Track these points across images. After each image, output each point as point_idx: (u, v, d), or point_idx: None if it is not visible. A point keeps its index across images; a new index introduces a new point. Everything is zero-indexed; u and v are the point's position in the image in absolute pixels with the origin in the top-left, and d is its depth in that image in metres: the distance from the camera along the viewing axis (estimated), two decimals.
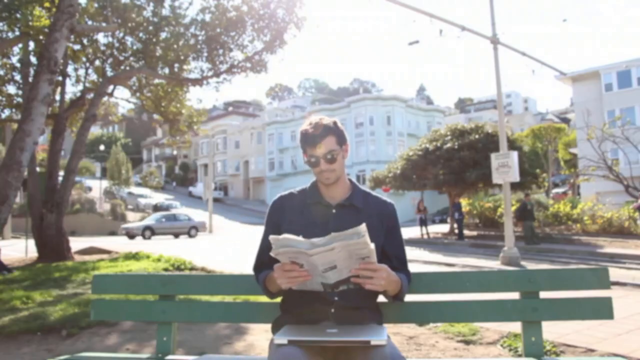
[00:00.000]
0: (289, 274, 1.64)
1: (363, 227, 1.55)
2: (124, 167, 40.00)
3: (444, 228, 24.36)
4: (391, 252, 1.95)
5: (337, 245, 1.55)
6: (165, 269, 8.21)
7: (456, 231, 19.79)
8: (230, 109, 75.46)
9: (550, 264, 11.83)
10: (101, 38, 13.14)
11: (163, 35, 12.47)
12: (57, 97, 12.01)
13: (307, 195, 1.96)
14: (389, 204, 2.00)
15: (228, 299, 4.38)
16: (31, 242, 11.43)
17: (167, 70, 12.65)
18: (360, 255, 1.61)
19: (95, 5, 11.93)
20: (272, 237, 1.60)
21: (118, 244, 15.84)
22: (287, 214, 1.94)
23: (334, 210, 1.91)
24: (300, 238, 1.59)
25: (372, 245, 1.59)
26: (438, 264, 12.02)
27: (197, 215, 35.36)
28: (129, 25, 12.21)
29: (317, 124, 1.87)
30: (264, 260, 1.96)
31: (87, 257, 11.18)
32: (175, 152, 63.05)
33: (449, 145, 20.23)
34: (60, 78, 11.72)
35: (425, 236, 20.66)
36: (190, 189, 56.08)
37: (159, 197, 44.09)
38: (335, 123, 1.90)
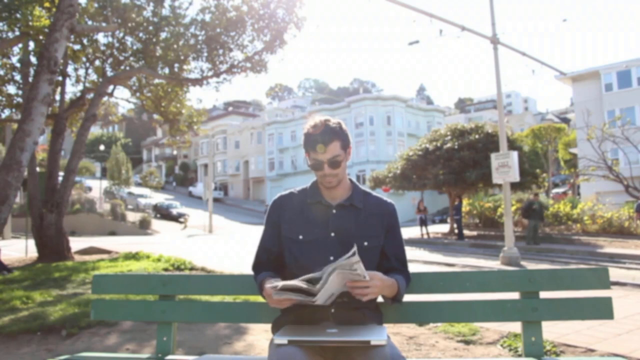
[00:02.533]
0: (281, 302, 1.68)
1: (355, 258, 1.57)
2: (124, 167, 39.92)
3: (444, 228, 24.37)
4: (391, 252, 1.95)
5: (334, 276, 1.58)
6: (165, 269, 8.22)
7: (456, 231, 19.79)
8: (230, 109, 75.44)
9: (550, 264, 11.83)
10: (101, 38, 13.15)
11: (163, 35, 12.46)
12: (57, 97, 12.00)
13: (308, 195, 1.96)
14: (389, 204, 2.00)
15: (228, 299, 4.38)
16: (31, 242, 11.42)
17: (167, 70, 12.65)
18: (352, 280, 1.65)
19: (95, 5, 11.93)
20: (270, 286, 1.64)
21: (118, 243, 15.84)
22: (287, 213, 1.94)
23: (334, 210, 1.91)
24: (300, 283, 1.60)
25: (364, 272, 1.63)
26: (438, 264, 12.01)
27: (197, 215, 35.42)
28: (129, 25, 12.21)
29: (322, 127, 1.83)
30: (263, 260, 1.98)
31: (87, 257, 11.18)
32: (175, 152, 63.04)
33: (449, 145, 20.23)
34: (60, 78, 11.71)
35: (425, 236, 20.67)
36: (190, 189, 56.03)
37: (159, 197, 44.05)
38: (340, 126, 1.88)
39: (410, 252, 14.52)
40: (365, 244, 1.86)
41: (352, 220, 1.90)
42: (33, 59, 11.09)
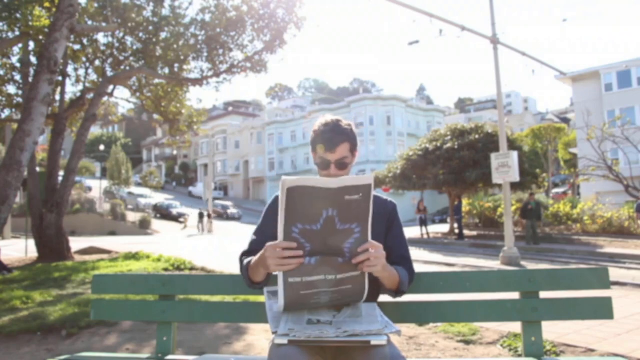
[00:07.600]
0: (283, 253, 1.49)
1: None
2: (124, 167, 39.93)
3: (444, 228, 24.37)
4: (393, 249, 1.95)
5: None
6: (165, 269, 8.21)
7: (456, 231, 19.79)
8: (230, 109, 75.47)
9: (550, 264, 11.83)
10: (101, 38, 13.15)
11: (163, 35, 12.46)
12: (57, 97, 12.00)
13: None
14: (390, 203, 1.99)
15: (228, 299, 4.38)
16: (31, 242, 11.42)
17: (167, 70, 12.65)
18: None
19: (95, 5, 11.93)
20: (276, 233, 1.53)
21: (118, 243, 15.84)
22: None
23: None
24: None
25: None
26: (438, 264, 12.01)
27: (197, 215, 35.37)
28: (129, 25, 12.21)
29: (335, 127, 1.82)
30: (252, 249, 1.90)
31: (87, 257, 11.18)
32: (175, 152, 63.04)
33: (449, 145, 20.22)
34: (60, 78, 11.71)
35: (425, 236, 20.67)
36: (190, 188, 56.09)
37: (159, 197, 44.09)
38: (351, 128, 1.86)
39: (410, 252, 14.49)
40: None
41: None
42: (33, 59, 11.09)
